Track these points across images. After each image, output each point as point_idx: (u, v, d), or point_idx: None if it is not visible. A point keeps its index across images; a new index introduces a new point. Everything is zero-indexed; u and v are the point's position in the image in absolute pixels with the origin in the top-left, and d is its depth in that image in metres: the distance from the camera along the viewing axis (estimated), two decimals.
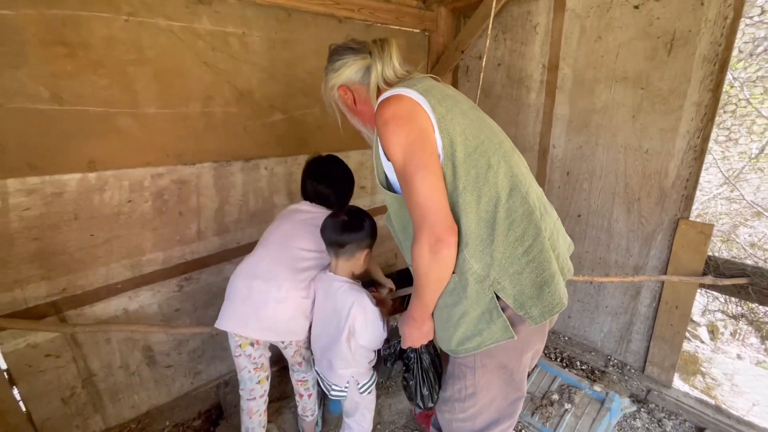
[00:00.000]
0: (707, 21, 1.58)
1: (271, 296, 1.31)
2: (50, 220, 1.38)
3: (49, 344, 1.46)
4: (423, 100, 0.89)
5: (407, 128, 0.87)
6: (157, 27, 1.46)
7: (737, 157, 4.03)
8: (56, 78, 1.29)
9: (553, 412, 1.83)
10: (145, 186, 1.56)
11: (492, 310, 0.93)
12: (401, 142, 0.87)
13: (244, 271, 1.37)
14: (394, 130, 0.88)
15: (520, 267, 0.92)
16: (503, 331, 0.94)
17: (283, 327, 1.36)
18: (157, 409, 1.82)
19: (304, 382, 1.60)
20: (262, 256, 1.38)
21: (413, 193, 0.87)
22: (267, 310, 1.31)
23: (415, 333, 1.06)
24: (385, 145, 0.90)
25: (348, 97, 1.09)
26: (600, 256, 2.13)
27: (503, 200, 0.91)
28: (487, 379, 1.03)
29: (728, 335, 3.74)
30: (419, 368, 1.13)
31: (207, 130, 1.68)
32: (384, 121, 0.89)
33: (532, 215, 0.92)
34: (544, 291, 0.92)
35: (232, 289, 1.37)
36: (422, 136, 0.87)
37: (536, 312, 0.92)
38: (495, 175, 0.90)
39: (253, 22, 1.71)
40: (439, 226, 0.86)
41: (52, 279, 1.42)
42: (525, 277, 0.92)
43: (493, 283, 0.92)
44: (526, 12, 2.14)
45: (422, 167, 0.86)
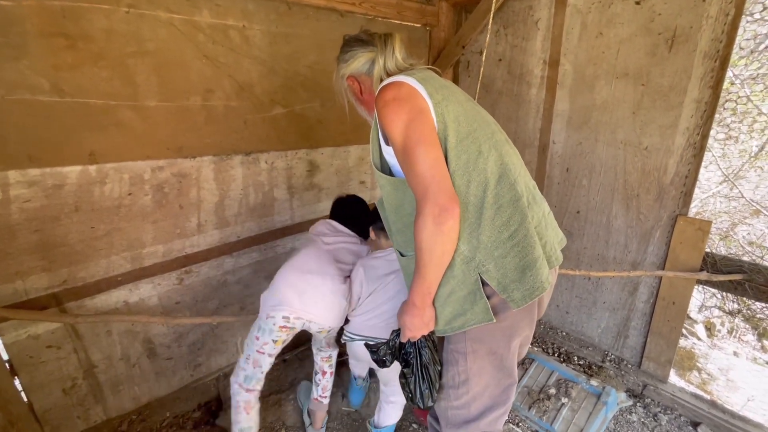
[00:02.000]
0: (708, 17, 1.58)
1: (327, 288, 1.42)
2: (51, 212, 1.38)
3: (51, 335, 1.47)
4: (420, 87, 0.93)
5: (407, 107, 0.91)
6: (157, 19, 1.46)
7: (737, 155, 4.03)
8: (57, 70, 1.29)
9: (550, 406, 1.85)
10: (145, 179, 1.57)
11: (476, 291, 0.98)
12: (402, 119, 0.90)
13: (296, 266, 1.45)
14: (394, 109, 0.91)
15: (505, 251, 0.95)
16: (484, 312, 0.98)
17: (338, 314, 1.47)
18: (158, 400, 1.83)
19: (329, 358, 1.69)
20: (309, 254, 1.49)
21: (416, 165, 0.88)
22: (326, 299, 1.42)
23: (416, 322, 1.01)
24: (386, 125, 0.92)
25: (355, 86, 1.16)
26: (598, 252, 2.14)
27: (492, 186, 0.94)
28: (478, 365, 1.06)
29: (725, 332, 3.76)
30: (419, 364, 1.09)
31: (207, 123, 1.68)
32: (384, 103, 0.93)
33: (519, 202, 0.96)
34: (527, 274, 0.96)
35: (285, 281, 1.41)
36: (422, 114, 0.91)
37: (518, 295, 0.96)
38: (485, 161, 0.94)
39: (254, 16, 1.70)
40: (443, 196, 0.86)
41: (53, 271, 1.43)
42: (509, 261, 0.96)
43: (479, 265, 0.96)
44: (528, 7, 2.14)
45: (423, 141, 0.89)
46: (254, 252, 2.01)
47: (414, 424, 1.81)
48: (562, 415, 1.80)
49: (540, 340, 2.41)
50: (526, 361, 2.14)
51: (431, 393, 1.10)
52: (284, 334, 1.41)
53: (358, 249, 1.61)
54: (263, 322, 1.39)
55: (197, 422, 1.83)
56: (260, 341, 1.40)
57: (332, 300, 1.44)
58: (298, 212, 2.13)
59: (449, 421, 1.14)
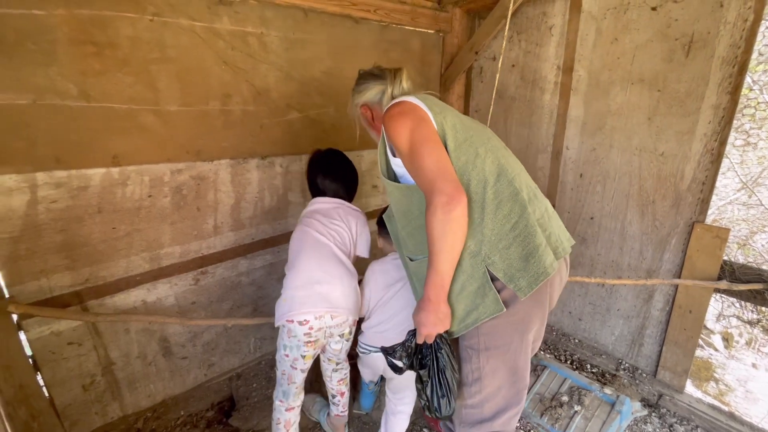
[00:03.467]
0: (726, 23, 1.57)
1: (337, 290, 1.41)
2: (75, 213, 1.43)
3: (72, 332, 1.51)
4: (420, 103, 1.05)
5: (411, 116, 1.02)
6: (180, 27, 1.50)
7: (756, 162, 3.95)
8: (85, 76, 1.34)
9: (562, 414, 1.83)
10: (164, 181, 1.61)
11: (485, 284, 1.02)
12: (407, 126, 1.00)
13: (302, 282, 1.39)
14: (399, 120, 1.01)
15: (508, 242, 1.02)
16: (495, 303, 1.02)
17: (355, 302, 1.46)
18: (172, 398, 1.86)
19: (345, 380, 1.65)
20: (310, 261, 1.43)
21: (422, 161, 0.96)
22: (338, 296, 1.41)
23: (431, 318, 1.01)
24: (393, 135, 1.01)
25: (368, 114, 1.29)
26: (613, 259, 2.12)
27: (491, 183, 1.02)
28: (491, 364, 1.08)
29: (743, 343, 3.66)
30: (435, 368, 1.05)
31: (225, 127, 1.72)
32: (390, 117, 1.03)
33: (518, 195, 1.03)
34: (530, 262, 1.02)
35: (295, 298, 1.37)
36: (423, 121, 1.02)
37: (524, 282, 1.01)
38: (483, 162, 1.02)
39: (272, 23, 1.74)
40: (449, 186, 0.92)
41: (76, 269, 1.47)
42: (513, 251, 1.02)
43: (485, 258, 1.02)
44: (542, 13, 2.15)
45: (428, 140, 0.98)
46: (268, 254, 2.03)
47: (425, 429, 1.81)
48: (575, 423, 1.78)
49: (552, 347, 2.39)
50: (538, 368, 2.13)
51: (449, 401, 1.05)
52: (311, 350, 1.41)
53: (357, 213, 1.58)
54: (286, 340, 1.39)
55: (210, 421, 1.86)
56: (290, 358, 1.41)
57: (346, 292, 1.43)
58: None
59: (463, 420, 1.15)
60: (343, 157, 1.63)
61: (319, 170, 1.58)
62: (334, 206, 1.55)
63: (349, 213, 1.56)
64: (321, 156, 1.61)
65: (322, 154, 1.62)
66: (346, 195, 1.60)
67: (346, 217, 1.54)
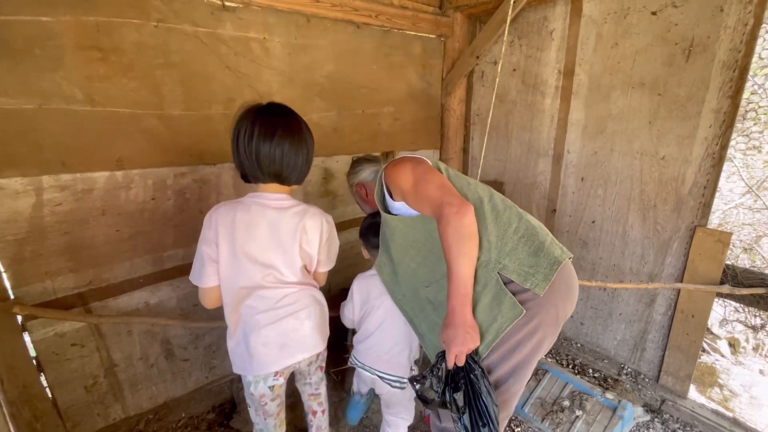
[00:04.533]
0: (726, 27, 1.57)
1: (306, 328, 1.24)
2: (80, 216, 1.45)
3: (75, 334, 1.53)
4: (415, 154, 1.20)
5: (410, 160, 1.14)
6: (184, 33, 1.53)
7: (761, 166, 3.93)
8: (90, 80, 1.36)
9: (563, 418, 1.82)
10: (168, 184, 1.63)
11: (499, 291, 1.04)
12: (408, 167, 1.11)
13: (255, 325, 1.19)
14: (400, 165, 1.13)
15: (514, 243, 1.08)
16: (512, 308, 1.02)
17: (318, 338, 1.29)
18: (174, 401, 1.87)
19: (317, 396, 1.45)
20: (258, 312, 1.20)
21: (427, 187, 1.05)
22: (300, 333, 1.23)
23: (459, 333, 0.97)
24: (395, 178, 1.11)
25: (362, 191, 1.45)
26: (614, 263, 2.12)
27: (486, 201, 1.12)
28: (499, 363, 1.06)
29: (750, 349, 3.62)
30: (471, 394, 0.94)
31: (228, 131, 1.72)
32: (392, 165, 1.14)
33: (512, 208, 1.15)
34: (540, 255, 1.07)
35: (255, 343, 1.19)
36: (422, 160, 1.14)
37: (540, 277, 1.04)
38: (475, 187, 1.15)
39: (274, 28, 1.76)
40: (456, 199, 1.00)
41: (80, 271, 1.49)
42: (520, 250, 1.07)
43: (495, 264, 1.05)
44: (542, 18, 2.16)
45: (429, 172, 1.09)
46: None
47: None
48: (576, 428, 1.77)
49: (554, 351, 2.38)
50: (540, 372, 2.12)
51: (491, 431, 0.93)
52: (280, 380, 1.25)
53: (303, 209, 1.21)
54: (245, 382, 1.24)
55: (211, 423, 1.86)
56: (256, 396, 1.24)
57: (313, 333, 1.25)
58: None
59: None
60: (296, 116, 1.19)
61: (260, 137, 1.10)
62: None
63: None
64: (263, 114, 1.13)
65: (264, 111, 1.13)
66: (298, 178, 1.21)
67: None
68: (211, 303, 1.24)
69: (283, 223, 1.17)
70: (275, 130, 1.09)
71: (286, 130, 1.11)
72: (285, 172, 1.15)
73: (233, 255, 1.16)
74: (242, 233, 1.14)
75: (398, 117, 2.38)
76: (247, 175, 1.17)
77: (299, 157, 1.15)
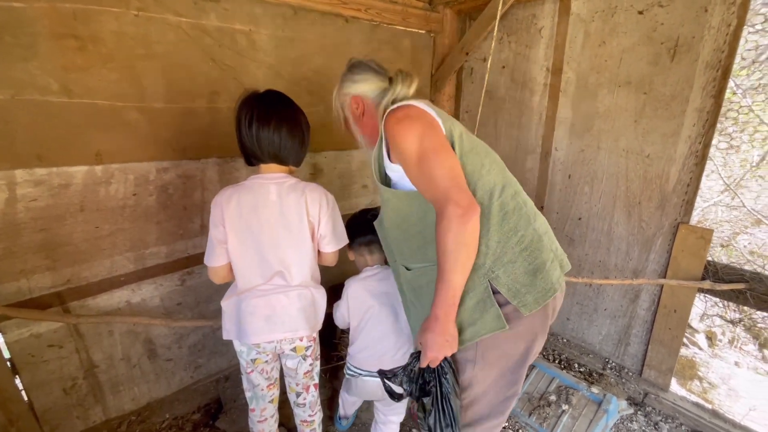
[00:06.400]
0: (711, 28, 1.60)
1: (294, 307, 1.26)
2: (56, 212, 1.39)
3: (53, 335, 1.47)
4: (429, 109, 1.00)
5: (420, 121, 0.95)
6: (166, 23, 1.48)
7: (738, 165, 4.04)
8: (66, 71, 1.30)
9: (550, 413, 1.85)
10: (150, 180, 1.58)
11: (486, 299, 0.97)
12: (417, 132, 0.93)
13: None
14: (407, 125, 0.94)
15: (514, 256, 0.98)
16: (496, 320, 0.97)
17: (303, 322, 1.29)
18: (157, 401, 1.83)
19: (309, 423, 1.46)
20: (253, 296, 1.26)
21: (434, 171, 0.90)
22: (286, 311, 1.26)
23: (439, 340, 0.93)
24: (399, 139, 0.94)
25: (358, 107, 1.17)
26: (600, 259, 2.15)
27: (496, 195, 0.99)
28: (485, 372, 1.05)
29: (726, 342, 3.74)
30: (439, 394, 0.95)
31: (212, 125, 1.69)
32: (397, 120, 0.96)
33: (522, 209, 1.02)
34: (537, 277, 0.99)
35: (243, 311, 1.25)
36: (434, 127, 0.95)
37: (530, 298, 0.98)
38: (488, 172, 1.00)
39: (261, 20, 1.72)
40: (465, 197, 0.88)
41: (57, 270, 1.43)
42: (518, 266, 0.98)
43: (488, 272, 0.97)
44: (531, 15, 2.16)
45: (440, 148, 0.92)
46: None
47: (414, 430, 1.80)
48: (563, 422, 1.79)
49: None
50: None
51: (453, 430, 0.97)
52: (262, 356, 1.32)
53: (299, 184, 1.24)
54: (234, 345, 1.33)
55: (196, 424, 1.83)
56: (242, 362, 1.35)
57: (299, 315, 1.26)
58: None
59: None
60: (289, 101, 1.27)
61: (259, 123, 1.18)
62: None
63: None
64: (261, 101, 1.21)
65: (263, 99, 1.22)
66: (295, 159, 1.28)
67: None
68: (219, 279, 1.29)
69: (285, 200, 1.21)
70: (272, 117, 1.17)
71: (282, 115, 1.19)
72: (283, 153, 1.22)
73: (242, 244, 1.21)
74: (250, 217, 1.19)
75: None
76: (249, 157, 1.24)
77: (295, 141, 1.22)
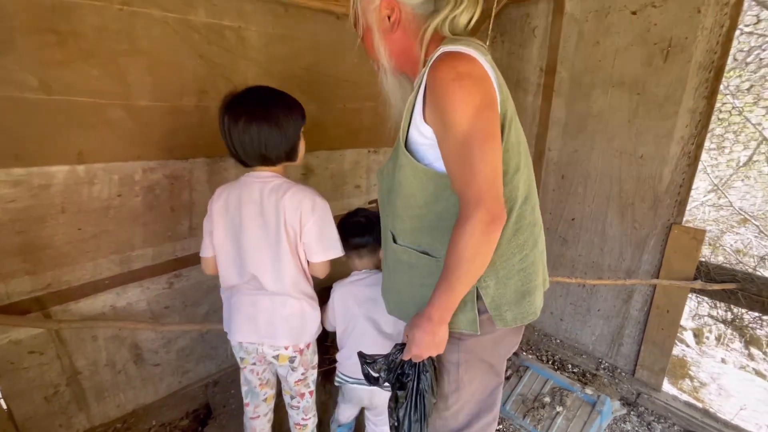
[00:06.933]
0: (704, 29, 1.60)
1: (270, 307, 1.23)
2: (36, 213, 1.33)
3: (33, 341, 1.41)
4: (492, 74, 0.81)
5: (482, 91, 0.77)
6: (151, 17, 1.43)
7: (725, 165, 4.11)
8: (45, 66, 1.25)
9: (544, 415, 1.84)
10: (135, 180, 1.53)
11: (468, 301, 0.92)
12: (474, 103, 0.76)
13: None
14: (469, 89, 0.76)
15: (511, 273, 0.92)
16: (471, 324, 0.94)
17: (285, 332, 1.25)
18: (144, 408, 1.78)
19: (303, 426, 1.42)
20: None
21: (477, 162, 0.76)
22: (268, 315, 1.24)
23: (427, 339, 0.89)
24: (450, 105, 0.76)
25: (392, 15, 0.88)
26: (593, 260, 2.15)
27: (518, 204, 0.89)
28: (470, 374, 1.04)
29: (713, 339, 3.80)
30: (415, 389, 0.96)
31: (201, 124, 1.64)
32: (458, 75, 0.76)
33: (535, 227, 0.95)
34: (524, 300, 0.95)
35: (232, 306, 1.26)
36: (494, 105, 0.79)
37: (509, 316, 0.95)
38: (519, 177, 0.89)
39: (250, 17, 1.68)
40: (498, 205, 0.78)
41: (37, 274, 1.38)
42: (511, 284, 0.93)
43: (480, 280, 0.90)
44: (525, 15, 2.15)
45: (491, 137, 0.77)
46: None
47: None
48: (557, 424, 1.79)
49: (534, 347, 2.40)
50: (521, 369, 2.13)
51: (421, 427, 0.98)
52: (249, 357, 1.31)
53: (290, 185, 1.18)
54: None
55: (184, 430, 1.78)
56: (237, 358, 1.34)
57: (281, 324, 1.22)
58: None
59: (437, 431, 1.11)
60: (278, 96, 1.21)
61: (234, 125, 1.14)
62: None
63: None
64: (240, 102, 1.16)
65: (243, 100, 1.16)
66: (286, 156, 1.21)
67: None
68: (208, 270, 1.31)
69: (266, 201, 1.16)
70: (240, 117, 1.11)
71: (250, 114, 1.12)
72: (265, 152, 1.14)
73: (225, 239, 1.22)
74: (234, 213, 1.19)
75: (380, 112, 2.33)
76: (238, 161, 1.20)
77: (272, 136, 1.13)
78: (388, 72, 0.96)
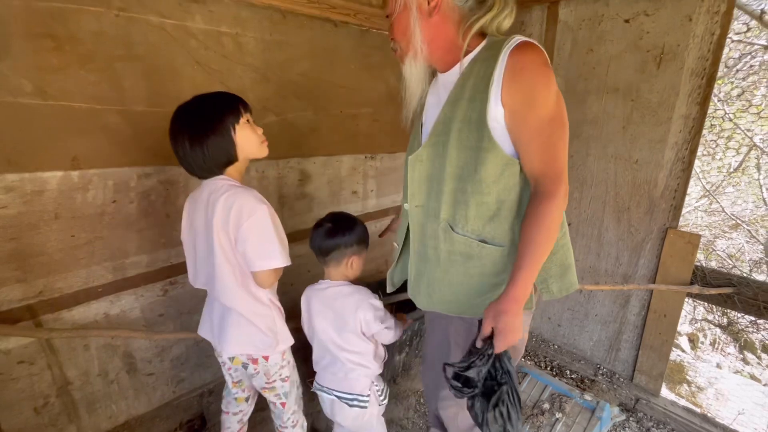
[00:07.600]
0: (695, 36, 1.63)
1: (224, 312, 1.27)
2: (29, 220, 1.31)
3: (23, 350, 1.38)
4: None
5: (555, 81, 0.87)
6: (148, 24, 1.42)
7: (716, 171, 4.17)
8: (41, 72, 1.24)
9: (544, 422, 1.82)
10: (131, 186, 1.51)
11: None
12: (555, 89, 0.86)
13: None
14: (551, 77, 0.85)
15: (556, 248, 0.98)
16: (530, 300, 0.96)
17: (231, 340, 1.25)
18: (137, 419, 1.74)
19: (282, 430, 1.42)
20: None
21: (559, 144, 0.86)
22: (221, 320, 1.27)
23: (516, 323, 0.86)
24: (541, 88, 0.84)
25: (434, 0, 0.89)
26: (590, 265, 2.15)
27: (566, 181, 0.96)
28: (514, 353, 1.07)
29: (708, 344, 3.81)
30: (513, 385, 0.89)
31: None
32: (545, 62, 0.85)
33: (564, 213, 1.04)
34: (568, 273, 1.04)
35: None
36: (561, 96, 0.90)
37: (555, 288, 1.02)
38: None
39: (248, 23, 1.68)
40: (566, 186, 0.88)
41: (29, 281, 1.35)
42: (556, 258, 1.00)
43: None
44: (519, 23, 2.18)
45: (566, 122, 0.89)
46: None
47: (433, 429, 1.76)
48: (557, 430, 1.77)
49: (532, 353, 2.39)
50: (519, 375, 2.12)
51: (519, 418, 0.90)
52: (216, 354, 1.34)
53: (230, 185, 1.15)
54: None
55: None
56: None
57: (230, 332, 1.21)
58: (289, 222, 2.08)
59: (459, 427, 1.10)
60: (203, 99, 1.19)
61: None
62: None
63: None
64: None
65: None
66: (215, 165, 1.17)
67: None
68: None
69: (210, 206, 1.14)
70: (172, 138, 1.15)
71: (173, 136, 1.15)
72: (203, 165, 1.14)
73: (187, 242, 1.28)
74: (193, 216, 1.21)
75: (377, 118, 2.33)
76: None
77: (195, 149, 1.13)
78: (418, 56, 0.97)
